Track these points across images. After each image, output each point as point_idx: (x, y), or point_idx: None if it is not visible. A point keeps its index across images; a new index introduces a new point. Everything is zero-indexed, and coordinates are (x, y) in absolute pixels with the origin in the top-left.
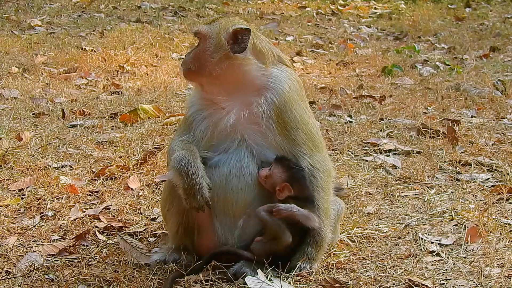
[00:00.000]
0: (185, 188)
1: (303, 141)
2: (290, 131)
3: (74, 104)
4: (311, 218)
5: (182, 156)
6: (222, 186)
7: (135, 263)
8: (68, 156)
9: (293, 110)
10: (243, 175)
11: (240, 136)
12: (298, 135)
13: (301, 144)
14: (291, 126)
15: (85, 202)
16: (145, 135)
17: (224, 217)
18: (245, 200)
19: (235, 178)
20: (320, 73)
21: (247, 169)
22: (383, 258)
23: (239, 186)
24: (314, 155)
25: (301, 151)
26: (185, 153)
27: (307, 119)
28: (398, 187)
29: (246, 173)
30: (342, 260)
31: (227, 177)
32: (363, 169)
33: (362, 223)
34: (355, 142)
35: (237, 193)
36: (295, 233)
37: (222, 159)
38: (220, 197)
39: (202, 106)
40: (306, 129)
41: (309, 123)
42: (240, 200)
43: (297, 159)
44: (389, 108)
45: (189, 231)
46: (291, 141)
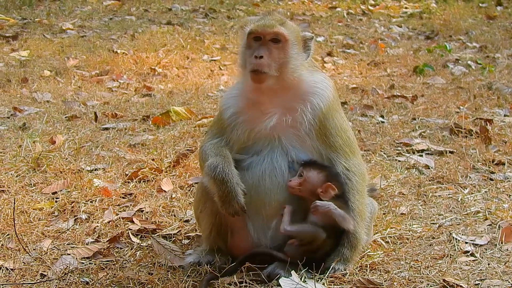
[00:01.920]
0: (221, 196)
1: (340, 146)
2: (329, 137)
3: (106, 107)
4: (347, 219)
5: (217, 164)
6: (255, 187)
7: (169, 265)
8: (101, 159)
9: (334, 117)
10: (275, 176)
11: (276, 139)
12: (336, 141)
13: (338, 149)
14: (331, 132)
15: (119, 204)
16: (177, 137)
17: (257, 218)
18: (277, 201)
19: (268, 179)
20: (351, 73)
21: (279, 170)
22: (417, 259)
23: (271, 187)
24: (350, 159)
25: (337, 155)
26: (219, 160)
27: (345, 126)
28: (431, 187)
29: (279, 174)
30: (376, 261)
31: (259, 178)
32: (396, 169)
33: (395, 223)
34: (388, 142)
35: (269, 194)
36: (331, 235)
37: (255, 160)
38: (253, 198)
39: (240, 109)
40: (344, 136)
41: (347, 130)
42: (273, 201)
43: (333, 163)
44: (421, 107)
45: (222, 232)
46: (329, 147)
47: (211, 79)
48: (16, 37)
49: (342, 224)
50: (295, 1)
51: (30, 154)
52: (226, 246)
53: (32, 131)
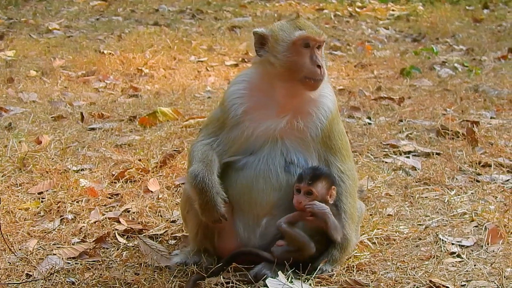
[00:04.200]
0: (201, 204)
1: (339, 149)
2: (332, 140)
3: (93, 107)
4: (338, 229)
5: (198, 172)
6: (248, 188)
7: (156, 266)
8: (87, 159)
9: (337, 121)
10: (269, 177)
11: (279, 140)
12: (337, 144)
13: (337, 152)
14: (334, 135)
15: (105, 205)
16: (164, 138)
17: (247, 216)
18: (270, 202)
19: (262, 181)
20: (338, 75)
21: (275, 171)
22: (403, 260)
23: (265, 187)
24: (345, 162)
25: (335, 158)
26: (201, 167)
27: (343, 129)
28: (418, 188)
29: (273, 175)
30: (363, 261)
31: (253, 179)
32: (382, 170)
33: (382, 224)
34: (374, 144)
35: (262, 194)
36: (319, 241)
37: (250, 160)
38: (245, 197)
39: (249, 108)
40: (344, 139)
41: (345, 134)
42: (265, 201)
43: (329, 165)
44: (408, 109)
45: (209, 233)
46: (329, 149)
47: (198, 80)
48: (2, 37)
49: (332, 232)
50: (282, 2)
51: (16, 154)
52: (213, 246)
53: (18, 131)
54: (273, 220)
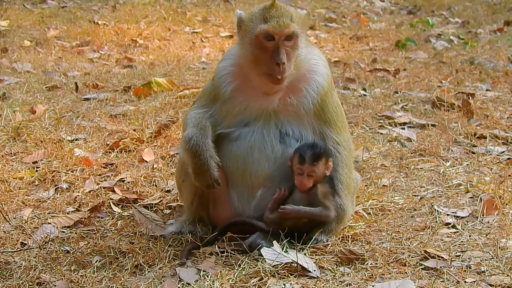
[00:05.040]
0: (194, 168)
1: (334, 121)
2: (326, 113)
3: (87, 78)
4: (323, 213)
5: (192, 135)
6: (242, 158)
7: (150, 235)
8: (82, 129)
9: (331, 93)
10: (264, 148)
11: (272, 114)
12: (331, 117)
13: (332, 124)
14: (328, 109)
15: (100, 174)
16: (159, 108)
17: (242, 187)
18: (265, 172)
19: (256, 151)
20: (333, 47)
21: (270, 142)
22: (398, 230)
23: (260, 158)
24: (340, 134)
25: (330, 130)
26: (195, 131)
27: (338, 101)
28: (413, 159)
29: (268, 146)
30: (358, 232)
31: (248, 149)
32: (378, 142)
33: (377, 195)
34: (370, 115)
35: (257, 165)
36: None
37: (244, 131)
38: (239, 168)
39: (239, 85)
40: (339, 111)
41: (340, 105)
42: (260, 172)
43: (324, 137)
44: (403, 81)
45: (204, 202)
46: (323, 122)
47: (193, 51)
48: None
49: (321, 219)
50: None
51: (10, 123)
52: (208, 216)
53: (12, 101)
54: (267, 192)
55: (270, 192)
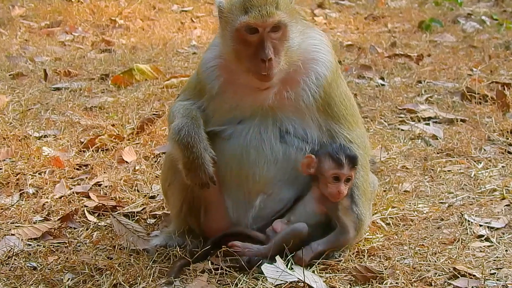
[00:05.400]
0: (186, 163)
1: (343, 116)
2: (333, 107)
3: (58, 64)
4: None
5: (182, 126)
6: (237, 159)
7: (132, 249)
8: (51, 124)
9: (338, 84)
10: (263, 149)
11: (269, 110)
12: (340, 111)
13: (341, 119)
14: (335, 101)
15: (72, 177)
16: (142, 100)
17: (238, 194)
18: (264, 177)
19: (253, 152)
20: (346, 29)
21: (268, 142)
22: (423, 244)
23: (257, 160)
24: (353, 130)
25: (340, 126)
26: (185, 121)
27: (348, 93)
28: (439, 160)
29: (267, 147)
30: (375, 245)
31: (243, 150)
32: (398, 139)
33: (398, 202)
34: (389, 109)
35: (254, 168)
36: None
37: (239, 129)
38: (234, 171)
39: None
40: (348, 104)
41: (350, 97)
42: (258, 176)
43: (333, 135)
44: (427, 69)
45: (195, 209)
46: (331, 117)
47: (182, 33)
48: None
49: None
50: None
51: None
52: (198, 226)
53: None
54: (268, 199)
55: (271, 199)
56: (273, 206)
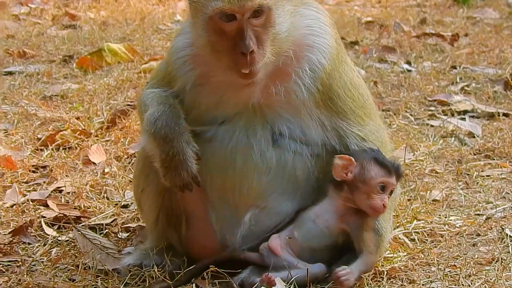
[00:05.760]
0: (164, 160)
1: (351, 110)
2: (336, 101)
3: (11, 43)
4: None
5: (158, 115)
6: (219, 168)
7: (99, 269)
8: (2, 116)
9: (341, 72)
10: (251, 155)
11: (257, 108)
12: (346, 104)
13: (348, 114)
14: (338, 94)
15: (27, 181)
16: (114, 87)
17: (222, 208)
18: (254, 189)
19: (240, 158)
20: (365, 2)
21: (258, 146)
22: (454, 264)
23: (246, 168)
24: (365, 125)
25: (348, 123)
26: (162, 109)
27: (356, 80)
28: (476, 163)
29: (256, 153)
30: (397, 266)
31: (228, 156)
32: (427, 137)
33: (425, 214)
34: (416, 100)
35: (241, 178)
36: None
37: (221, 132)
38: (217, 181)
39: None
40: (356, 94)
41: (359, 86)
42: (246, 189)
43: (341, 135)
44: (464, 51)
45: (174, 221)
46: (335, 113)
47: (163, 6)
48: None
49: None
50: None
51: None
52: (180, 241)
53: None
54: (261, 214)
55: (265, 214)
56: (267, 222)
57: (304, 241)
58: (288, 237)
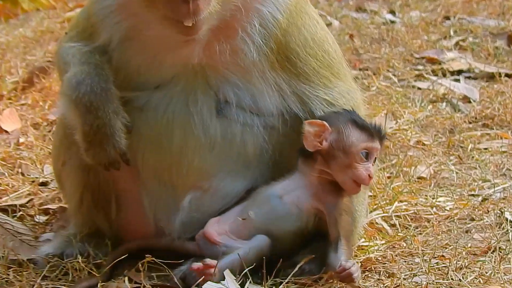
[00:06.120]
0: (86, 132)
1: (314, 70)
2: (296, 61)
3: None
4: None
5: (82, 77)
6: (153, 142)
7: (11, 259)
8: None
9: (301, 26)
10: (191, 127)
11: (198, 71)
12: (308, 64)
13: (311, 75)
14: (298, 53)
15: None
16: (32, 40)
17: (157, 190)
18: (195, 168)
19: (178, 132)
20: None
21: (199, 116)
22: (443, 254)
23: (184, 143)
24: (333, 87)
25: (312, 86)
26: (86, 70)
27: (321, 35)
28: (472, 133)
29: (198, 123)
30: (373, 256)
31: (163, 128)
32: (412, 102)
33: (408, 194)
34: (400, 57)
35: (179, 155)
36: None
37: (155, 98)
38: (149, 158)
39: (133, 30)
40: (320, 52)
41: (324, 40)
42: (186, 166)
43: (304, 100)
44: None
45: (102, 201)
46: (295, 75)
47: None
48: None
49: None
50: None
51: None
52: (109, 226)
53: None
54: (204, 198)
55: (208, 197)
56: (212, 207)
57: (264, 223)
58: (241, 218)
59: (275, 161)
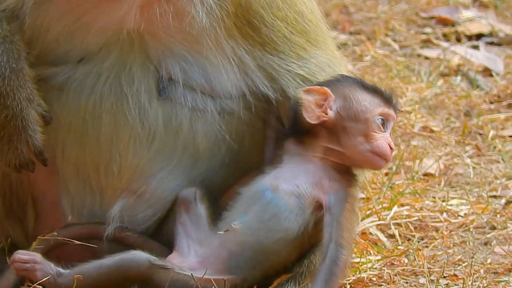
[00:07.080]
0: None
1: (284, 37)
2: (260, 27)
3: None
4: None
5: None
6: (76, 131)
7: None
8: None
9: None
10: (125, 112)
11: (133, 38)
12: (276, 30)
13: (280, 44)
14: (262, 16)
15: None
16: None
17: (81, 194)
18: (128, 165)
19: (107, 118)
20: None
21: (135, 98)
22: (455, 273)
23: (115, 134)
24: (309, 57)
25: (281, 57)
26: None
27: None
28: (494, 116)
29: (133, 108)
30: (365, 276)
31: (87, 114)
32: (418, 76)
33: (411, 195)
34: (403, 16)
35: (109, 149)
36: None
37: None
38: (70, 153)
39: None
40: (292, 13)
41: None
42: (117, 164)
43: (275, 75)
44: None
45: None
46: (260, 44)
47: None
48: None
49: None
50: None
51: None
52: (26, 238)
53: None
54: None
55: (143, 204)
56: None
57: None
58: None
59: (232, 156)
